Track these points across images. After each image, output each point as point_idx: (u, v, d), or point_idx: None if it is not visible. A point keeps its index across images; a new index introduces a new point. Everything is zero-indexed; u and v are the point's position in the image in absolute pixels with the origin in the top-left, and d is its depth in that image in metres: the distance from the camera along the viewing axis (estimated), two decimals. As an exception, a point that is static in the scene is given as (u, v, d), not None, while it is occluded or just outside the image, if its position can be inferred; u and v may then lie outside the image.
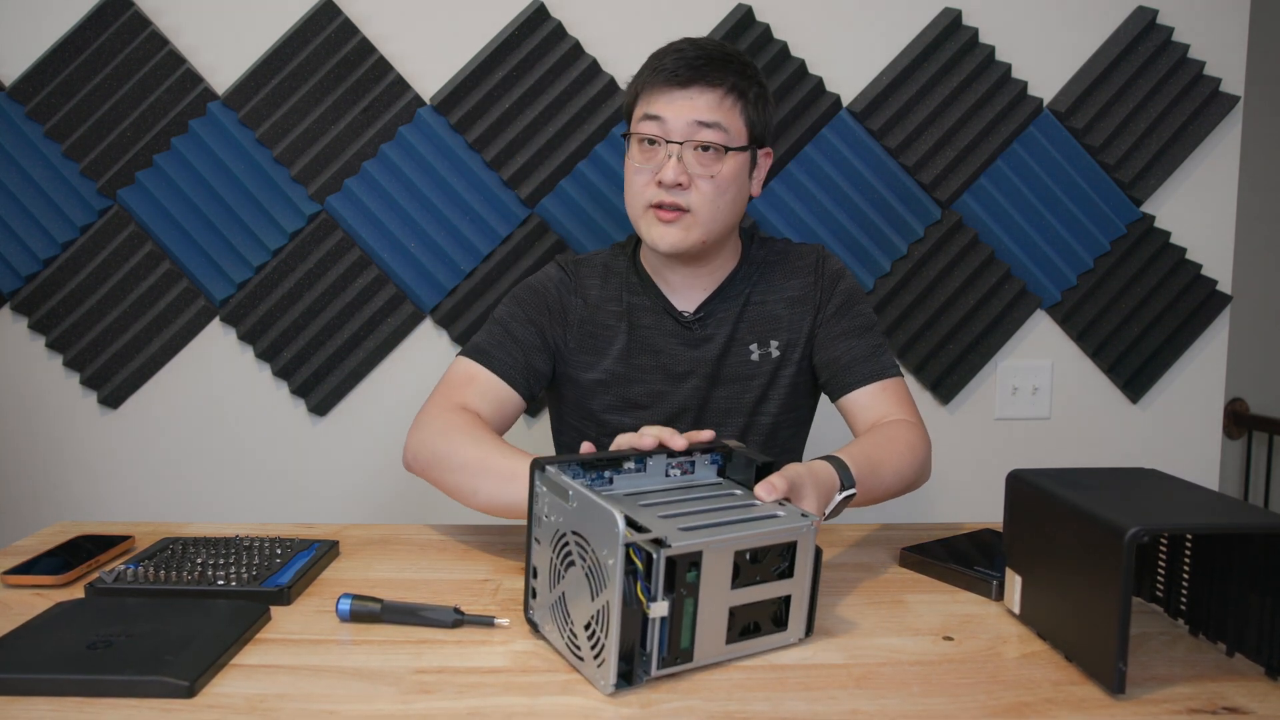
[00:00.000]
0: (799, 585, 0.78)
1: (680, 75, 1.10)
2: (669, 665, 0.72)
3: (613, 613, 0.68)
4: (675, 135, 1.10)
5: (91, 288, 1.68)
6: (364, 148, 1.69)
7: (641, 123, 1.13)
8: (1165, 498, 0.79)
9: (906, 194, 1.77)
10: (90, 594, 0.87)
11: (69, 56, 1.64)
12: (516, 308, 1.22)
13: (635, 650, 0.71)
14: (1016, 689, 0.72)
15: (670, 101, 1.11)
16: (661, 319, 1.22)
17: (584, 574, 0.73)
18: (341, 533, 1.12)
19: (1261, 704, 0.70)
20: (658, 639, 0.71)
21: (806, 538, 0.77)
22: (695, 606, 0.72)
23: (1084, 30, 1.78)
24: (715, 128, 1.10)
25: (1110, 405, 1.88)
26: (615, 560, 0.68)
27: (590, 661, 0.72)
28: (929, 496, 1.86)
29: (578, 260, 1.28)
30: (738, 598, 0.74)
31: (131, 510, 1.74)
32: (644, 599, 0.69)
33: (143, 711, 0.67)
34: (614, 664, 0.69)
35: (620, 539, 0.68)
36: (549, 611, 0.78)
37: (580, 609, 0.73)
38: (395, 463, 1.77)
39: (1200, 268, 1.84)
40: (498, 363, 1.16)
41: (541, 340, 1.20)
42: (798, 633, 0.80)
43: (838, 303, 1.23)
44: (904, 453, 1.09)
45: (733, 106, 1.12)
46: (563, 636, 0.76)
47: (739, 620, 0.76)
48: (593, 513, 0.72)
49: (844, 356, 1.20)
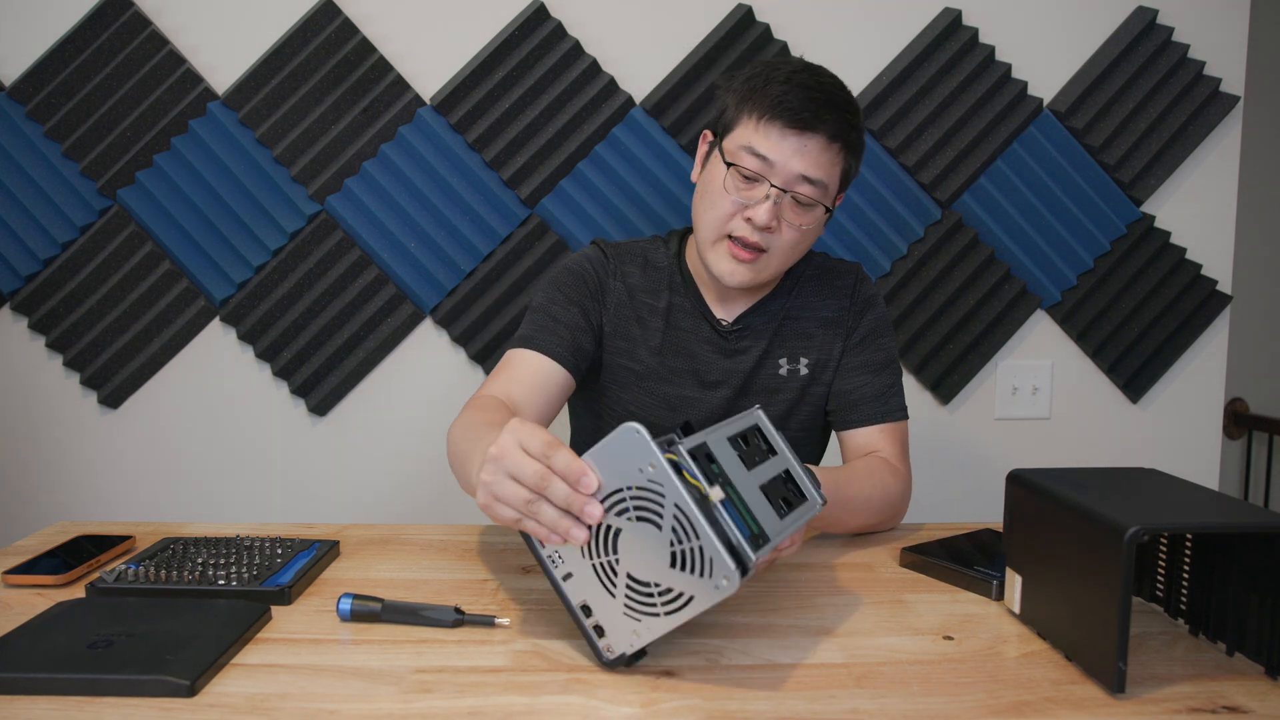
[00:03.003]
0: (786, 460, 0.85)
1: (801, 118, 1.04)
2: (759, 548, 0.72)
3: (691, 508, 0.68)
4: (778, 180, 1.06)
5: (91, 288, 1.68)
6: (364, 148, 1.69)
7: (745, 155, 1.07)
8: (1165, 497, 0.79)
9: (906, 194, 1.77)
10: (91, 594, 0.87)
11: (69, 56, 1.64)
12: (555, 291, 1.19)
13: (728, 536, 0.69)
14: (1016, 689, 0.72)
15: (782, 145, 1.05)
16: (699, 324, 1.21)
17: (640, 520, 0.70)
18: (342, 533, 1.12)
19: (1261, 703, 0.70)
20: (736, 527, 0.70)
21: (761, 418, 0.86)
22: (738, 492, 0.75)
23: (1084, 30, 1.78)
24: (818, 184, 1.07)
25: (1110, 405, 1.88)
26: (659, 464, 0.69)
27: (696, 583, 0.69)
28: (929, 496, 1.86)
29: (616, 245, 1.25)
30: (759, 478, 0.79)
31: (131, 510, 1.74)
32: (700, 483, 0.70)
33: (143, 711, 0.67)
34: (721, 549, 0.67)
35: (650, 440, 0.69)
36: (628, 618, 0.73)
37: (652, 557, 0.70)
38: (395, 463, 1.78)
39: (1200, 268, 1.84)
40: (542, 344, 1.13)
41: (585, 320, 1.18)
42: (816, 501, 0.85)
43: (863, 333, 1.23)
44: (875, 487, 1.11)
45: (836, 157, 1.08)
46: (658, 609, 0.72)
47: (773, 498, 0.79)
48: (614, 456, 0.71)
49: (855, 392, 1.21)
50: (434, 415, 1.77)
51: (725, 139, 1.10)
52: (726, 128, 1.11)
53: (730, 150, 1.09)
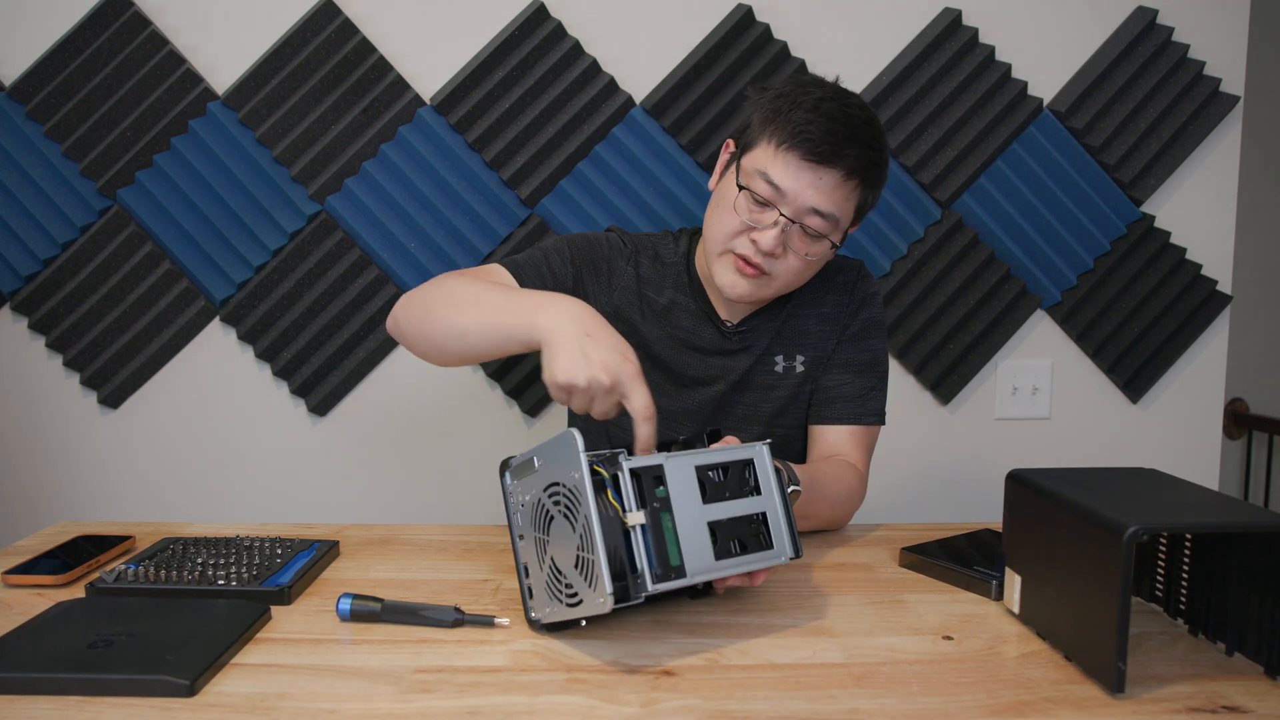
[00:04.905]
0: (769, 503, 0.82)
1: (819, 150, 1.03)
2: (663, 581, 0.73)
3: (593, 524, 0.70)
4: (788, 210, 1.06)
5: (91, 288, 1.68)
6: (364, 148, 1.69)
7: (759, 180, 1.06)
8: (1165, 497, 0.79)
9: (906, 194, 1.77)
10: (91, 594, 0.87)
11: (69, 56, 1.64)
12: (565, 247, 1.20)
13: (625, 566, 0.72)
14: (1016, 688, 0.73)
15: (797, 176, 1.04)
16: (702, 324, 1.21)
17: (563, 516, 0.75)
18: (341, 533, 1.12)
19: (1261, 703, 0.70)
20: (645, 555, 0.73)
21: (761, 455, 0.83)
22: (674, 522, 0.75)
23: (1084, 30, 1.78)
24: (828, 218, 1.07)
25: (1110, 405, 1.88)
26: (581, 473, 0.71)
27: (586, 591, 0.73)
28: (929, 496, 1.86)
29: (632, 235, 1.26)
30: (713, 513, 0.78)
31: (131, 510, 1.74)
32: (619, 506, 0.73)
33: (143, 711, 0.67)
34: (606, 572, 0.70)
35: (579, 448, 0.72)
36: (545, 594, 0.79)
37: (566, 551, 0.75)
38: (395, 463, 1.78)
39: (1200, 268, 1.84)
40: (526, 279, 1.14)
41: (574, 285, 1.18)
42: (785, 551, 0.82)
43: (854, 330, 1.23)
44: (841, 491, 1.13)
45: (852, 193, 1.08)
46: (561, 598, 0.76)
47: (723, 538, 0.79)
48: (554, 452, 0.75)
49: (834, 390, 1.21)
50: (434, 415, 1.77)
51: (744, 156, 1.10)
52: (747, 145, 1.10)
53: (746, 171, 1.08)
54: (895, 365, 1.80)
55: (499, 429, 1.78)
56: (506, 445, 1.70)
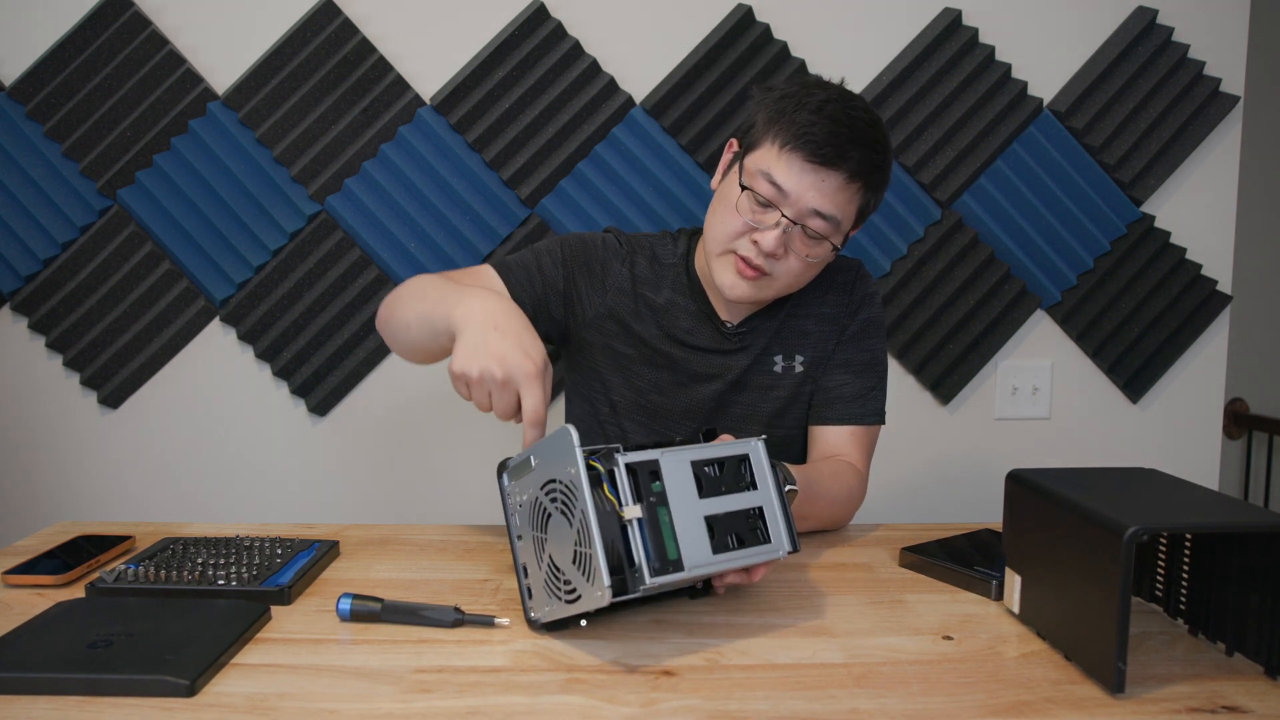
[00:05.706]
0: (765, 497, 0.82)
1: (823, 153, 1.03)
2: (660, 574, 0.74)
3: (590, 518, 0.71)
4: (790, 212, 1.06)
5: (91, 288, 1.68)
6: (364, 148, 1.69)
7: (762, 181, 1.06)
8: (1165, 497, 0.79)
9: (906, 194, 1.77)
10: (90, 594, 0.87)
11: (69, 56, 1.64)
12: (558, 247, 1.20)
13: (623, 560, 0.73)
14: (1016, 688, 0.73)
15: (800, 177, 1.04)
16: (701, 324, 1.21)
17: (560, 513, 0.75)
18: (341, 533, 1.12)
19: (1261, 703, 0.70)
20: (642, 547, 0.73)
21: (757, 450, 0.83)
22: (670, 516, 0.76)
23: (1084, 30, 1.78)
24: (830, 220, 1.07)
25: (1110, 405, 1.88)
26: (577, 468, 0.72)
27: (584, 586, 0.73)
28: (929, 496, 1.86)
29: (629, 236, 1.26)
30: (709, 508, 0.78)
31: (131, 510, 1.74)
32: (615, 500, 0.73)
33: (143, 711, 0.67)
34: (603, 565, 0.70)
35: (575, 443, 0.72)
36: (544, 592, 0.79)
37: (564, 548, 0.75)
38: (395, 463, 1.78)
39: (1200, 268, 1.84)
40: (514, 281, 1.15)
41: (564, 286, 1.19)
42: (783, 546, 0.82)
43: (854, 330, 1.23)
44: (840, 491, 1.13)
45: (854, 195, 1.08)
46: (560, 595, 0.77)
47: (720, 532, 0.79)
48: (550, 449, 0.76)
49: (834, 390, 1.21)
50: (434, 415, 1.77)
51: (747, 157, 1.09)
52: (751, 145, 1.10)
53: (749, 171, 1.08)
54: (895, 365, 1.80)
55: (499, 429, 1.78)
56: (506, 445, 1.70)
